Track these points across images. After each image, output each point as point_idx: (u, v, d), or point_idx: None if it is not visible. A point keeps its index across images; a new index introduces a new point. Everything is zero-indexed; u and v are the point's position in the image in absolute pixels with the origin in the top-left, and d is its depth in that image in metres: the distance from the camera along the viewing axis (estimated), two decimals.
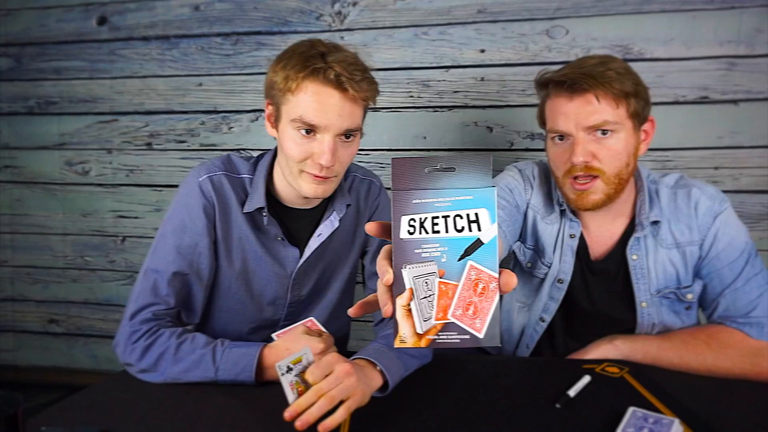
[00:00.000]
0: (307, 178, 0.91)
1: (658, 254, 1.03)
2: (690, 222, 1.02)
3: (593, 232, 1.09)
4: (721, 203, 1.01)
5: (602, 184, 0.97)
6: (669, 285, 1.04)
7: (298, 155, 0.89)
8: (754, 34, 1.45)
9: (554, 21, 1.55)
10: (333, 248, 1.07)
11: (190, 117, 1.80)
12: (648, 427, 0.68)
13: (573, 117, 0.96)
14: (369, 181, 1.11)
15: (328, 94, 0.86)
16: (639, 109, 0.97)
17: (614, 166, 0.96)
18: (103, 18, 1.81)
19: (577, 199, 1.00)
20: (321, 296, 1.10)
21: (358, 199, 1.09)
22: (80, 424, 0.74)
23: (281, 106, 0.90)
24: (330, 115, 0.86)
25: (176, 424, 0.74)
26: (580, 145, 0.95)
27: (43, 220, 1.94)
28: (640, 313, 1.05)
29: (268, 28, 1.72)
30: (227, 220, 0.98)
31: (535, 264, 1.14)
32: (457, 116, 1.64)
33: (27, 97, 1.89)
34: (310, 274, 1.06)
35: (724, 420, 0.75)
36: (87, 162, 1.88)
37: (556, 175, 1.04)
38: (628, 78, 0.96)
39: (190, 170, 1.00)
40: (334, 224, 1.03)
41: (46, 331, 1.99)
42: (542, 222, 1.12)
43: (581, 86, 0.94)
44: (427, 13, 1.62)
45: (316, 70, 0.84)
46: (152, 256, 0.96)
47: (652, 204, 1.04)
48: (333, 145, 0.87)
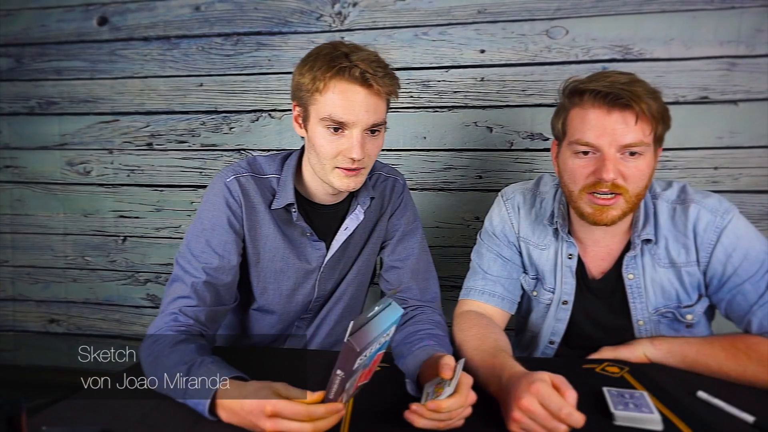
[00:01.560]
0: (338, 173, 0.95)
1: (655, 273, 1.01)
2: (686, 242, 0.99)
3: (590, 249, 1.07)
4: (724, 216, 0.97)
5: (623, 202, 0.95)
6: (668, 304, 1.02)
7: (330, 152, 0.93)
8: (754, 34, 1.45)
9: (554, 21, 1.55)
10: (354, 243, 1.11)
11: (190, 117, 1.80)
12: (630, 401, 0.76)
13: (609, 132, 0.92)
14: (393, 179, 1.16)
15: (354, 91, 0.89)
16: (662, 134, 0.97)
17: (638, 186, 0.94)
18: (104, 18, 1.82)
19: (595, 213, 0.96)
20: (340, 290, 1.14)
21: (383, 196, 1.13)
22: (80, 424, 0.74)
23: (309, 106, 0.94)
24: (357, 111, 0.90)
25: (176, 424, 0.74)
26: (611, 161, 0.92)
27: (44, 220, 1.94)
28: (638, 330, 1.04)
29: (268, 28, 1.72)
30: (254, 219, 1.02)
31: (539, 292, 1.13)
32: (457, 116, 1.64)
33: (28, 97, 1.89)
34: (335, 269, 1.11)
35: (725, 420, 0.75)
36: (88, 162, 1.89)
37: (570, 189, 0.99)
38: (659, 102, 0.94)
39: (217, 173, 1.04)
40: (359, 217, 1.07)
41: (46, 330, 1.99)
42: (536, 250, 1.11)
43: (623, 101, 0.90)
44: (427, 13, 1.62)
45: (342, 69, 0.88)
46: (184, 255, 0.98)
47: (647, 221, 1.01)
48: (361, 140, 0.92)
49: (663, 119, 0.95)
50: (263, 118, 1.75)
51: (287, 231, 1.05)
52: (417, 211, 1.19)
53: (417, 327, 0.99)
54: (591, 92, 0.93)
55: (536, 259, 1.11)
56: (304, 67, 0.93)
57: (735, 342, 0.93)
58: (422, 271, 1.12)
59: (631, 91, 0.90)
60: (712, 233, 0.96)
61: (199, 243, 0.98)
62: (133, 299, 1.92)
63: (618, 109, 0.91)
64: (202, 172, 1.82)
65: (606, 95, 0.91)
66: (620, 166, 0.93)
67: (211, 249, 0.98)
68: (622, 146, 0.92)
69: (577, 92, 0.96)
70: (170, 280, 0.98)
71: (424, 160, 1.67)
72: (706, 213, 0.97)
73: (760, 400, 0.83)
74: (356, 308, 1.21)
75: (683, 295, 1.01)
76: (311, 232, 1.05)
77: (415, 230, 1.15)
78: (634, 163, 0.93)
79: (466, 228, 1.69)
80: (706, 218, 0.97)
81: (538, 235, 1.11)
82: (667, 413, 0.76)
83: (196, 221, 1.01)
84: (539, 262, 1.11)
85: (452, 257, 1.71)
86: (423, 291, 1.10)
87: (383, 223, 1.13)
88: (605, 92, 0.91)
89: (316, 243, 1.07)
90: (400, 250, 1.13)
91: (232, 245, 1.00)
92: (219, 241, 0.98)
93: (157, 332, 0.88)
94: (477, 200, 1.67)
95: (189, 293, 0.93)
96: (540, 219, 1.11)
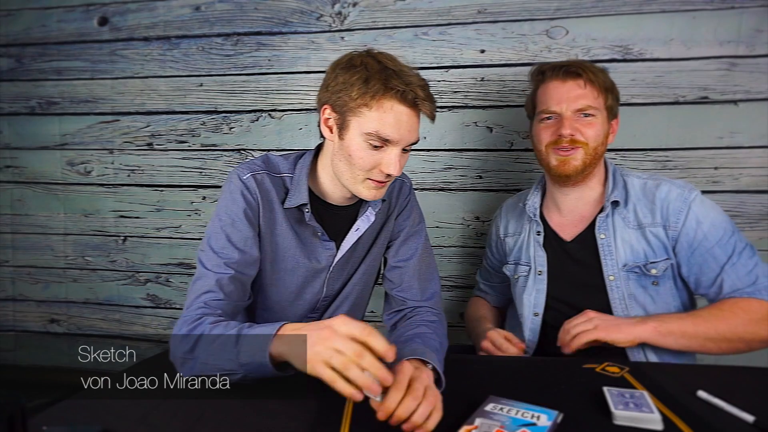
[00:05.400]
0: (369, 184, 0.97)
1: (625, 233, 1.15)
2: (653, 209, 1.14)
3: (566, 215, 1.25)
4: (691, 191, 1.13)
5: (582, 153, 1.15)
6: (636, 260, 1.14)
7: (367, 164, 0.94)
8: (754, 34, 1.45)
9: (554, 21, 1.55)
10: (362, 243, 1.12)
11: (191, 117, 1.80)
12: (630, 401, 0.77)
13: (564, 99, 1.15)
14: (401, 181, 1.17)
15: (405, 113, 0.91)
16: (612, 104, 1.18)
17: (593, 140, 1.14)
18: (104, 18, 1.82)
19: (560, 165, 1.16)
20: (347, 290, 1.15)
21: (391, 197, 1.14)
22: (80, 423, 0.74)
23: (351, 117, 0.93)
24: (403, 131, 0.92)
25: (176, 424, 0.74)
26: (568, 120, 1.14)
27: (44, 220, 1.94)
28: (609, 286, 1.15)
29: (268, 28, 1.72)
30: (269, 216, 1.03)
31: (516, 269, 1.31)
32: (457, 116, 1.64)
33: (28, 97, 1.89)
34: (344, 269, 1.12)
35: (725, 420, 0.75)
36: (88, 162, 1.89)
37: (539, 149, 1.21)
38: (606, 77, 1.19)
39: (232, 170, 1.04)
40: (370, 219, 1.08)
41: (46, 330, 1.99)
42: (513, 238, 1.35)
43: (575, 71, 1.15)
44: (427, 13, 1.62)
45: (398, 91, 0.89)
46: (206, 253, 0.98)
47: (615, 187, 1.18)
48: (400, 157, 0.94)
49: (611, 90, 1.18)
50: (263, 118, 1.76)
51: (299, 230, 1.06)
52: (422, 213, 1.20)
53: (406, 329, 1.02)
54: (550, 69, 1.19)
55: (513, 245, 1.34)
56: (352, 77, 0.91)
57: (720, 306, 1.06)
58: (424, 272, 1.13)
59: (580, 64, 1.17)
60: (682, 203, 1.12)
61: (219, 240, 0.98)
62: (133, 299, 1.92)
63: (571, 78, 1.16)
64: (202, 172, 1.82)
65: (560, 68, 1.17)
66: (576, 124, 1.14)
67: (232, 245, 0.98)
68: (577, 110, 1.14)
69: (540, 71, 1.22)
70: (194, 278, 0.98)
71: (424, 160, 1.67)
72: (675, 188, 1.14)
73: (760, 400, 0.82)
74: (361, 307, 1.22)
75: (650, 253, 1.13)
76: (322, 232, 1.06)
77: (419, 231, 1.16)
78: (588, 123, 1.15)
79: (466, 228, 1.69)
80: (675, 191, 1.13)
81: (515, 225, 1.35)
82: (667, 413, 0.76)
83: (215, 218, 1.01)
84: (516, 245, 1.33)
85: (452, 257, 1.71)
86: (423, 291, 1.11)
87: (390, 223, 1.15)
88: (560, 66, 1.18)
89: (327, 243, 1.07)
90: (403, 251, 1.14)
91: (251, 240, 1.00)
92: (239, 237, 0.99)
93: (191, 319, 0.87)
94: (477, 200, 1.67)
95: (214, 288, 0.94)
96: (520, 210, 1.35)
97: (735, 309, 1.03)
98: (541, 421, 0.72)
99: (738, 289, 1.06)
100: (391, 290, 1.14)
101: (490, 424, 0.70)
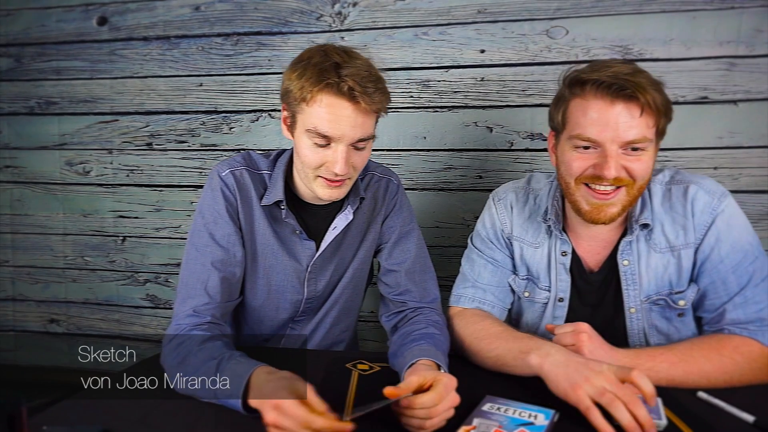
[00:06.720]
0: (321, 183, 0.95)
1: (650, 259, 0.98)
2: (686, 223, 0.96)
3: (587, 243, 1.04)
4: (721, 199, 0.94)
5: (625, 195, 0.92)
6: (660, 291, 0.99)
7: (313, 162, 0.92)
8: (754, 34, 1.45)
9: (554, 21, 1.55)
10: (347, 243, 1.10)
11: (190, 117, 1.80)
12: None
13: (612, 127, 0.87)
14: (387, 180, 1.14)
15: (341, 106, 0.87)
16: (665, 126, 0.94)
17: (641, 177, 0.91)
18: (104, 18, 1.82)
19: (592, 211, 0.93)
20: (334, 292, 1.13)
21: (376, 197, 1.11)
22: (81, 423, 0.74)
23: (297, 114, 0.92)
24: (343, 126, 0.88)
25: (176, 424, 0.74)
26: (613, 158, 0.88)
27: (43, 220, 1.94)
28: (629, 318, 1.01)
29: (268, 28, 1.72)
30: (249, 213, 1.02)
31: (533, 291, 1.10)
32: (457, 116, 1.64)
33: (27, 97, 1.89)
34: (325, 268, 1.10)
35: (725, 420, 0.75)
36: (87, 162, 1.88)
37: (567, 181, 0.96)
38: (663, 94, 0.90)
39: (213, 168, 1.04)
40: (348, 217, 1.06)
41: (46, 330, 1.99)
42: (530, 248, 1.09)
43: (628, 92, 0.86)
44: (427, 13, 1.62)
45: (329, 84, 0.85)
46: (190, 251, 0.98)
47: (644, 206, 0.98)
48: (346, 154, 0.90)
49: (666, 112, 0.91)
50: (263, 118, 1.75)
51: (277, 228, 1.05)
52: (413, 212, 1.17)
53: (413, 327, 0.99)
54: (593, 82, 0.89)
55: (529, 257, 1.09)
56: (294, 73, 0.90)
57: (709, 343, 0.89)
58: (420, 273, 1.10)
59: (635, 82, 0.86)
60: (708, 215, 0.94)
61: (202, 237, 0.98)
62: (132, 299, 1.92)
63: (622, 101, 0.87)
64: (202, 172, 1.81)
65: (609, 86, 0.87)
66: (622, 161, 0.89)
67: (215, 242, 0.98)
68: (625, 142, 0.88)
69: (579, 82, 0.92)
70: (179, 281, 0.97)
71: (424, 160, 1.67)
72: (704, 194, 0.95)
73: (760, 400, 0.82)
74: (353, 311, 1.20)
75: (675, 281, 0.98)
76: (300, 231, 1.05)
77: (411, 232, 1.13)
78: (636, 158, 0.90)
79: (466, 228, 1.69)
80: (703, 198, 0.95)
81: (532, 233, 1.09)
82: (667, 413, 0.76)
83: (197, 217, 1.01)
84: (532, 260, 1.09)
85: (452, 257, 1.71)
86: (422, 293, 1.09)
87: (377, 224, 1.12)
88: (608, 83, 0.87)
89: (306, 242, 1.06)
90: (397, 254, 1.11)
91: (234, 237, 1.00)
92: (222, 234, 0.99)
93: (181, 332, 0.88)
94: (477, 200, 1.67)
95: (200, 293, 0.93)
96: (534, 216, 1.09)
97: (735, 354, 0.86)
98: (539, 420, 0.72)
99: (740, 324, 0.90)
100: (388, 294, 1.11)
101: (488, 424, 0.71)
